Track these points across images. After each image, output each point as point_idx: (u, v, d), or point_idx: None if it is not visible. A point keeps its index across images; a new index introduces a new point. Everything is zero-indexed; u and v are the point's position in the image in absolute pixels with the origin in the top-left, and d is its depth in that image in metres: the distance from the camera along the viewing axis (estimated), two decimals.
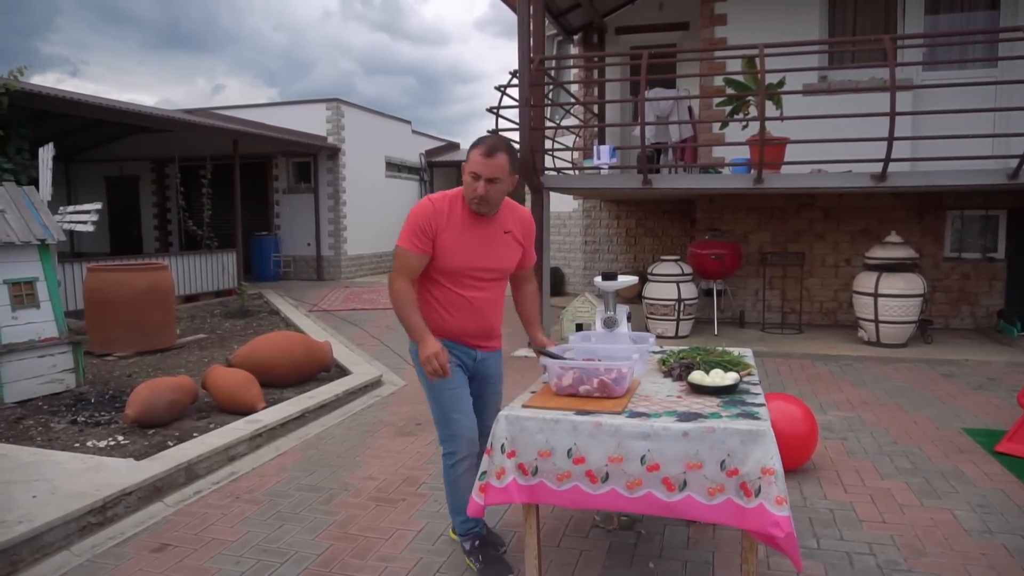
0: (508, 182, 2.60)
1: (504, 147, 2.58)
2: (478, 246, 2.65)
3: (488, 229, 2.68)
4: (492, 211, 2.65)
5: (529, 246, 2.85)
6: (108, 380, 5.89)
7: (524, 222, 2.82)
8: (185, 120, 11.80)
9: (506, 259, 2.76)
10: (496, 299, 2.81)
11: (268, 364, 5.41)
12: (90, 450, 4.09)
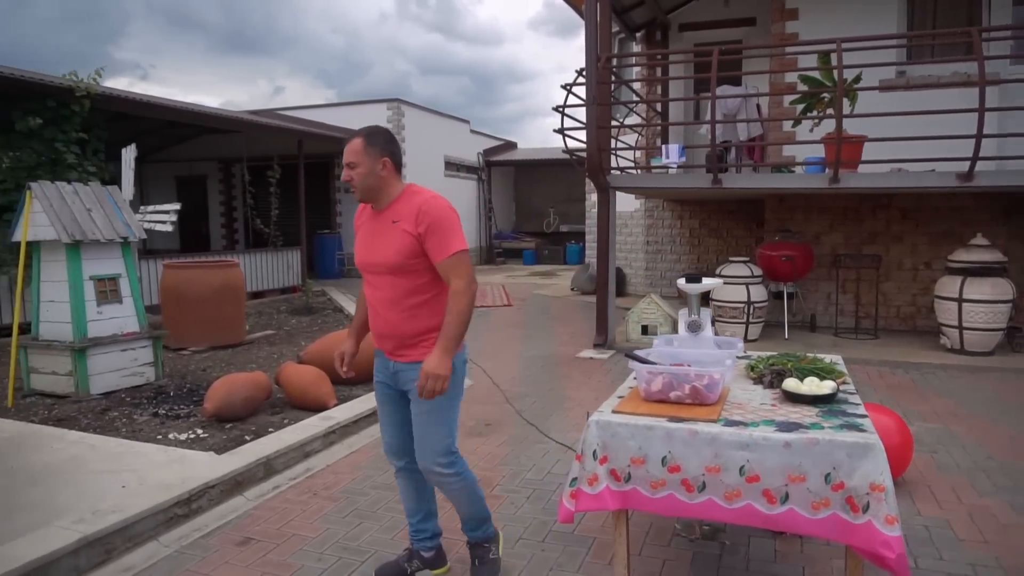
0: (367, 165, 2.46)
1: (363, 132, 2.53)
2: (368, 240, 2.56)
3: (378, 222, 2.53)
4: (365, 197, 2.53)
5: (431, 235, 2.40)
6: (184, 374, 6.06)
7: (418, 209, 2.43)
8: (253, 121, 12.10)
9: (389, 252, 2.45)
10: (394, 299, 2.48)
11: None
12: (171, 443, 4.20)
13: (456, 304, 2.40)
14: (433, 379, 2.38)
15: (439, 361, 2.38)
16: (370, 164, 2.46)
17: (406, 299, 2.48)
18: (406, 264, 2.44)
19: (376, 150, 2.46)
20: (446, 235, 2.42)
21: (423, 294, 2.48)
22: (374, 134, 2.51)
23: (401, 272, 2.46)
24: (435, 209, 2.44)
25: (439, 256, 2.41)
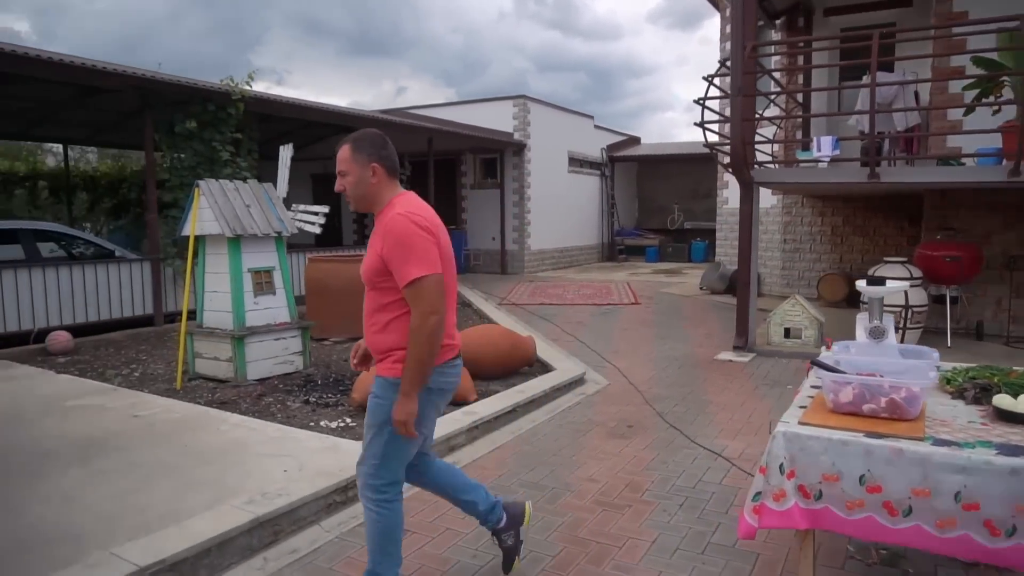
0: (357, 173, 2.34)
1: (350, 138, 2.39)
2: None
3: (374, 232, 2.40)
4: (359, 206, 2.41)
5: (391, 258, 2.22)
6: (329, 363, 6.31)
7: (384, 225, 2.28)
8: (387, 120, 12.49)
9: (365, 264, 2.37)
10: (368, 312, 2.39)
11: (475, 356, 5.51)
12: (323, 430, 4.35)
13: (413, 346, 2.21)
14: (396, 424, 2.27)
15: (399, 406, 2.25)
16: (359, 172, 2.34)
17: (376, 314, 2.36)
18: (373, 281, 2.32)
19: (364, 156, 2.33)
20: (404, 260, 2.20)
21: (391, 312, 2.32)
22: (360, 139, 2.37)
23: (372, 287, 2.35)
24: (395, 229, 2.23)
25: (400, 283, 2.23)
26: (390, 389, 2.32)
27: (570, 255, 17.41)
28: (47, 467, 3.71)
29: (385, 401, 2.33)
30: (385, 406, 2.33)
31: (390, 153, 2.39)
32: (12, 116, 11.77)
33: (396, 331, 2.30)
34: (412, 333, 2.20)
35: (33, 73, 7.43)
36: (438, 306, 2.22)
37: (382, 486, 2.42)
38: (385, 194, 2.36)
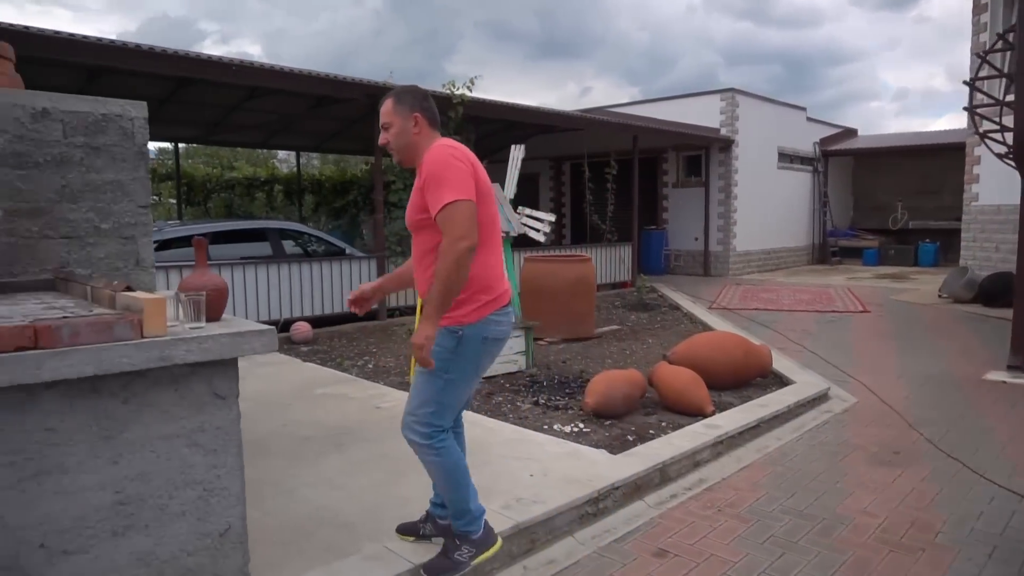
0: (399, 124, 2.42)
1: (393, 92, 2.47)
2: None
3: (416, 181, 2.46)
4: (402, 157, 2.49)
5: (426, 188, 2.30)
6: (548, 364, 6.28)
7: (424, 162, 2.36)
8: (592, 119, 12.42)
9: (409, 206, 2.47)
10: (416, 257, 2.49)
11: (706, 364, 5.18)
12: (558, 434, 4.27)
13: (440, 267, 2.25)
14: (412, 348, 2.30)
15: (418, 330, 2.28)
16: (401, 123, 2.41)
17: (423, 258, 2.42)
18: (416, 220, 2.40)
19: (406, 107, 2.41)
20: (437, 187, 2.27)
21: (435, 253, 2.33)
22: (403, 92, 2.45)
23: (418, 229, 2.42)
24: (431, 158, 2.32)
25: (433, 210, 2.28)
26: (444, 335, 2.36)
27: (777, 257, 16.31)
28: (306, 452, 3.94)
29: (439, 348, 2.36)
30: (438, 352, 2.35)
31: (431, 105, 2.47)
32: (256, 128, 13.15)
33: None
34: (441, 255, 2.24)
35: (284, 86, 8.16)
36: (470, 232, 2.25)
37: (436, 432, 2.46)
38: (427, 145, 2.41)
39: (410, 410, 2.50)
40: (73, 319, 1.90)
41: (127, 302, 2.07)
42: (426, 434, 2.46)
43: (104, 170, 2.93)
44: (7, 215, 2.71)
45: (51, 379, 1.80)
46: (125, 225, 3.00)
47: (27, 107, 2.73)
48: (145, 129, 3.04)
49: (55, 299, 2.41)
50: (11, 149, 2.70)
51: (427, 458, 2.50)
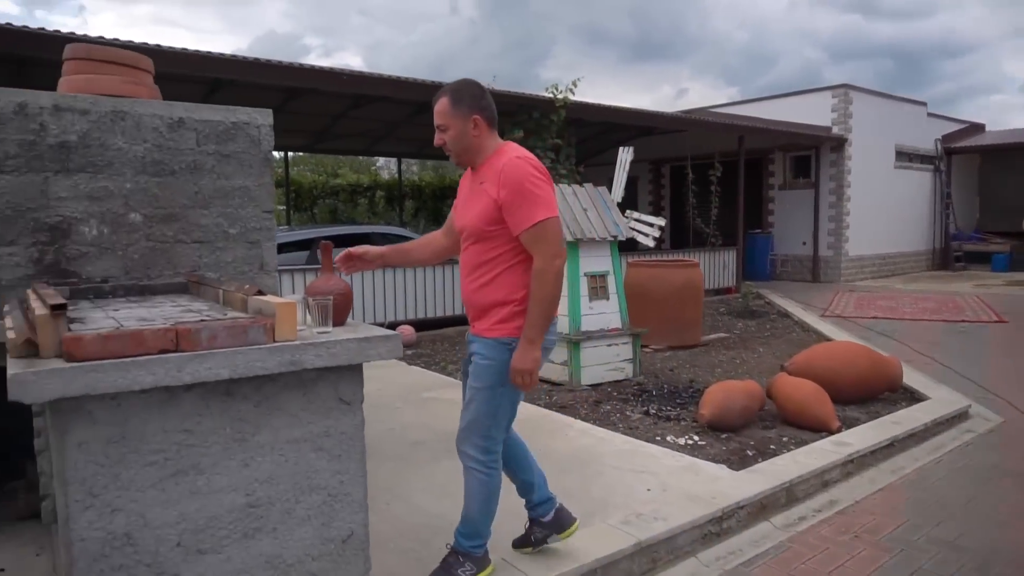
0: (458, 127, 2.30)
1: (447, 90, 2.32)
2: (461, 202, 2.44)
3: (472, 183, 2.39)
4: (461, 160, 2.39)
5: (511, 202, 2.19)
6: (655, 373, 6.08)
7: (499, 171, 2.23)
8: (695, 120, 12.07)
9: (472, 215, 2.31)
10: (472, 266, 2.34)
11: (828, 376, 4.85)
12: (671, 446, 4.09)
13: (539, 288, 2.20)
14: (518, 374, 2.24)
15: (522, 354, 2.23)
16: (460, 125, 2.30)
17: (481, 268, 2.32)
18: (485, 231, 2.27)
19: (464, 109, 2.28)
20: (527, 202, 2.19)
21: (499, 265, 2.28)
22: (459, 91, 2.31)
23: (481, 238, 2.29)
24: (517, 171, 2.21)
25: (519, 227, 2.20)
26: (499, 349, 2.30)
27: (893, 262, 15.33)
28: (418, 457, 3.93)
29: (495, 362, 2.30)
30: (495, 367, 2.30)
31: (489, 103, 2.35)
32: (359, 136, 13.53)
33: (504, 285, 2.28)
34: (538, 275, 2.19)
35: (390, 93, 8.33)
36: (562, 249, 2.25)
37: (492, 447, 2.39)
38: (488, 145, 2.33)
39: (468, 425, 2.41)
40: (211, 322, 1.92)
41: (258, 306, 2.09)
42: (485, 448, 2.39)
43: (233, 176, 3.01)
44: (146, 220, 2.82)
45: (190, 382, 1.82)
46: (251, 230, 3.07)
47: (165, 117, 2.84)
48: (271, 136, 3.10)
49: (190, 302, 2.48)
50: (150, 158, 2.81)
51: (477, 476, 2.41)
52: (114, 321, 2.00)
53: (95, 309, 2.26)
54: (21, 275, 2.60)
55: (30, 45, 5.85)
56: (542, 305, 2.22)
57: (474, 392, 2.38)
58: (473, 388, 2.38)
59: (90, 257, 2.71)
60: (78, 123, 2.66)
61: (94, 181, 2.70)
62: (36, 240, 2.61)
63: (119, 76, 2.81)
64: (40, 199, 2.61)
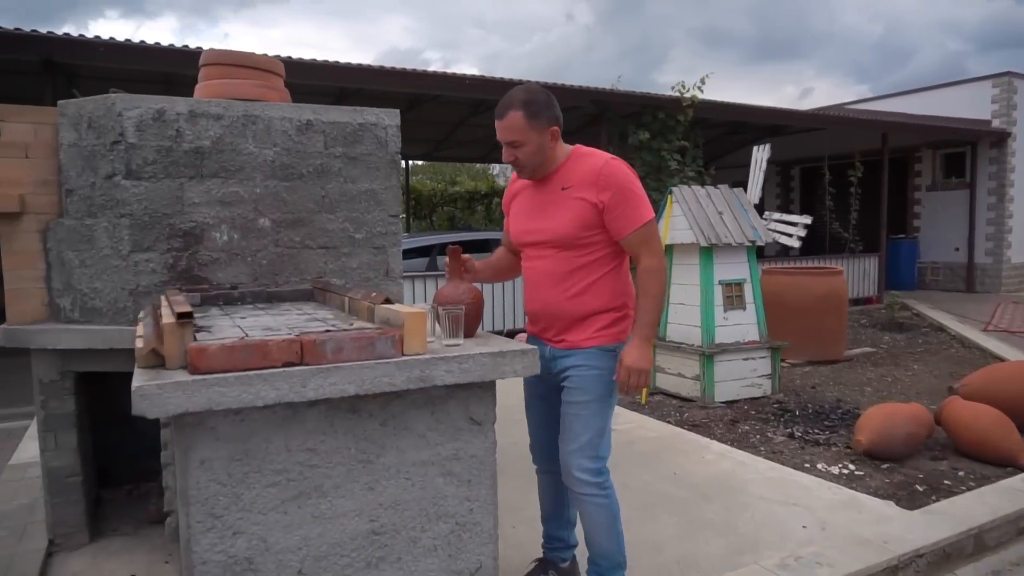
0: (535, 141, 2.12)
1: (517, 102, 2.11)
2: (530, 208, 2.26)
3: (543, 190, 2.23)
4: (535, 173, 2.21)
5: (615, 204, 2.10)
6: (795, 390, 5.58)
7: (598, 174, 2.12)
8: (832, 116, 11.24)
9: (561, 222, 2.15)
10: (561, 275, 2.17)
11: (1010, 401, 4.22)
12: (823, 475, 3.65)
13: (653, 284, 2.13)
14: (636, 374, 2.12)
15: (641, 353, 2.12)
16: (537, 139, 2.12)
17: (575, 276, 2.17)
18: (580, 237, 2.13)
19: (543, 122, 2.12)
20: (633, 204, 2.12)
21: (596, 271, 2.17)
22: (533, 103, 2.11)
23: (573, 245, 2.15)
24: (618, 174, 2.12)
25: (626, 228, 2.12)
26: (605, 357, 2.18)
27: None
28: None
29: (603, 370, 2.18)
30: (603, 376, 2.18)
31: (558, 109, 2.18)
32: (477, 143, 13.58)
33: (604, 291, 2.18)
34: (651, 273, 2.13)
35: None
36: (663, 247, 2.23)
37: (603, 466, 2.23)
38: (560, 152, 2.20)
39: (578, 446, 2.20)
40: (336, 333, 1.78)
41: (386, 315, 1.93)
42: (597, 470, 2.21)
43: (359, 180, 2.91)
44: (274, 226, 2.76)
45: (314, 397, 1.68)
46: (377, 235, 2.96)
47: (294, 120, 2.78)
48: (397, 137, 2.99)
49: (315, 310, 2.38)
50: (280, 161, 2.76)
51: (596, 502, 2.22)
52: (240, 330, 1.90)
53: (223, 316, 2.19)
54: (157, 281, 2.59)
55: (177, 62, 6.16)
56: (657, 301, 2.15)
57: (578, 409, 2.20)
58: (576, 405, 2.20)
59: (220, 263, 2.68)
60: (212, 128, 2.64)
61: (225, 186, 2.67)
62: (171, 246, 2.60)
63: (251, 80, 2.78)
64: (175, 205, 2.60)
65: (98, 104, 2.55)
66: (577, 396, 2.19)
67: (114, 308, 2.59)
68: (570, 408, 2.21)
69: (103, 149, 2.55)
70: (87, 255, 2.61)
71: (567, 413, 2.21)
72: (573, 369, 2.19)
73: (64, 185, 2.65)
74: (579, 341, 2.19)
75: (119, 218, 2.54)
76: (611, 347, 2.20)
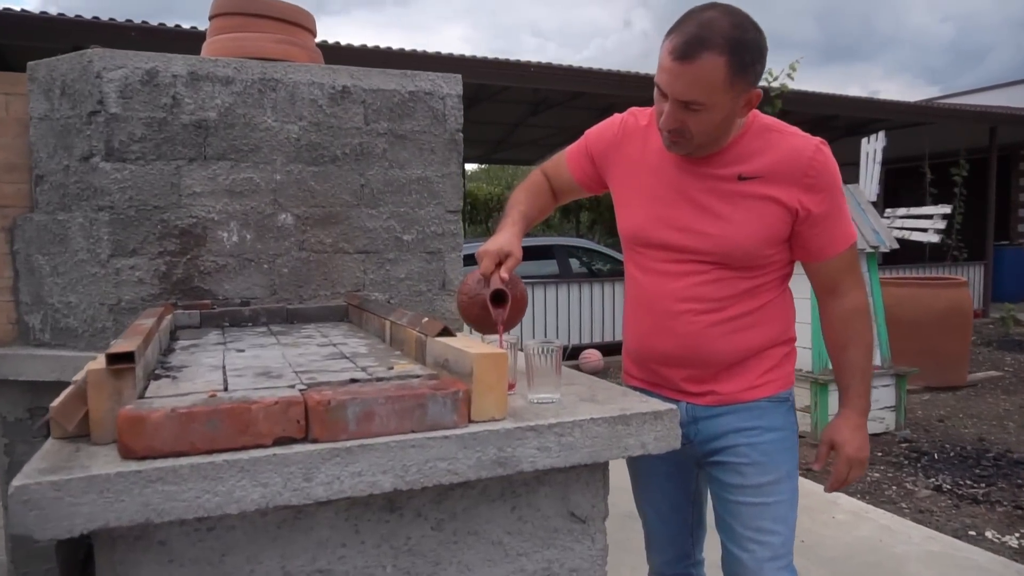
0: (726, 106, 1.29)
1: (721, 41, 1.23)
2: (674, 193, 1.40)
3: (704, 169, 1.38)
4: (702, 149, 1.36)
5: (826, 215, 1.35)
6: (922, 424, 4.71)
7: (800, 164, 1.33)
8: (937, 108, 10.19)
9: (734, 225, 1.35)
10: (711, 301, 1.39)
11: None
12: (997, 547, 2.84)
13: (867, 330, 1.44)
14: (859, 466, 1.44)
15: (864, 436, 1.44)
16: (730, 106, 1.29)
17: (739, 304, 1.40)
18: (759, 254, 1.37)
19: (746, 82, 1.27)
20: (844, 214, 1.40)
21: (764, 295, 1.42)
22: (745, 48, 1.25)
23: (741, 264, 1.37)
24: (833, 169, 1.36)
25: (831, 248, 1.39)
26: (783, 410, 1.47)
27: None
28: (635, 536, 2.98)
29: (786, 433, 1.47)
30: (787, 440, 1.47)
31: None
32: (536, 144, 12.95)
33: (772, 321, 1.45)
34: (862, 316, 1.44)
35: (584, 88, 7.57)
36: None
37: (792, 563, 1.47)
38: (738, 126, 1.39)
39: (772, 554, 1.43)
40: (365, 387, 1.12)
41: (444, 353, 1.26)
42: (794, 569, 1.47)
43: (409, 164, 2.26)
44: (299, 223, 2.13)
45: (326, 497, 1.02)
46: (431, 236, 2.30)
47: (326, 86, 2.14)
48: (459, 110, 2.33)
49: (345, 337, 1.72)
50: (306, 140, 2.13)
51: None
52: (223, 375, 1.25)
53: (213, 348, 1.55)
54: (145, 294, 1.98)
55: None
56: (870, 359, 1.48)
57: (761, 495, 1.44)
58: (754, 490, 1.44)
59: (228, 271, 2.06)
60: (219, 95, 2.02)
61: (236, 171, 2.05)
62: (164, 249, 1.99)
63: (273, 34, 2.15)
64: (170, 195, 1.99)
65: (73, 64, 1.96)
66: (755, 476, 1.44)
67: (91, 328, 1.99)
68: (744, 494, 1.45)
69: (79, 122, 1.96)
70: (60, 260, 2.02)
71: (739, 502, 1.45)
72: (737, 435, 1.45)
73: (34, 170, 2.07)
74: (739, 393, 1.45)
75: (97, 212, 1.94)
76: (786, 395, 1.50)
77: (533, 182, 1.67)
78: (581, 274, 8.55)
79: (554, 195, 1.68)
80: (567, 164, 1.63)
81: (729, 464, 1.46)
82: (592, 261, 9.25)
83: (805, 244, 1.41)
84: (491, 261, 1.38)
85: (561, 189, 1.67)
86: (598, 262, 9.23)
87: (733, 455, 1.45)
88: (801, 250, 1.43)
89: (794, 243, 1.42)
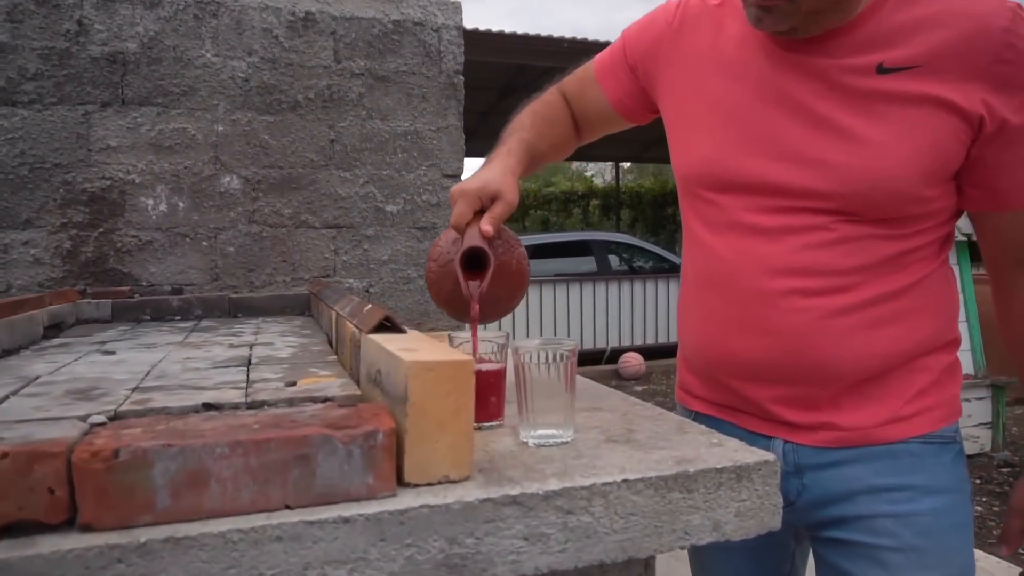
0: None
1: None
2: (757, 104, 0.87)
3: (813, 60, 0.83)
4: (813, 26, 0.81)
5: None
6: (1018, 442, 4.05)
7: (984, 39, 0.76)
8: None
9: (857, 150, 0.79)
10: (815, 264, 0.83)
11: None
12: None
13: None
14: None
15: None
16: None
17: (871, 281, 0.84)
18: (916, 197, 0.81)
19: None
20: None
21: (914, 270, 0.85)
22: None
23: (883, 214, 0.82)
24: None
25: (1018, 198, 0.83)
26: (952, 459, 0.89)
27: None
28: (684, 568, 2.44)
29: (957, 496, 0.88)
30: (959, 508, 0.88)
31: None
32: None
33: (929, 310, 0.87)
34: None
35: None
36: None
37: None
38: None
39: None
40: (208, 425, 0.62)
41: (377, 361, 0.74)
42: None
43: (393, 115, 1.76)
44: (248, 188, 1.65)
45: None
46: (422, 207, 1.80)
47: (284, 12, 1.66)
48: (458, 47, 1.82)
49: (282, 336, 1.23)
50: (257, 80, 1.64)
51: None
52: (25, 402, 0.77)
53: (78, 349, 1.08)
54: (43, 278, 1.52)
55: None
56: None
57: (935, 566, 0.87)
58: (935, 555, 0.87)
59: (155, 250, 1.59)
60: (141, 21, 1.56)
61: (165, 120, 1.58)
62: (68, 220, 1.53)
63: None
64: (76, 150, 1.53)
65: None
66: (907, 570, 0.85)
67: None
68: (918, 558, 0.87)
69: None
70: None
71: None
72: (874, 500, 0.87)
73: None
74: (876, 428, 0.87)
75: None
76: (951, 433, 0.91)
77: (546, 103, 1.13)
78: (621, 271, 7.99)
79: (576, 126, 1.15)
80: (596, 77, 1.10)
81: (859, 546, 0.88)
82: (633, 257, 8.68)
83: (990, 180, 0.83)
84: (468, 206, 0.86)
85: (586, 117, 1.13)
86: (639, 259, 8.66)
87: (868, 532, 0.87)
88: (981, 190, 0.85)
89: (968, 179, 0.84)
